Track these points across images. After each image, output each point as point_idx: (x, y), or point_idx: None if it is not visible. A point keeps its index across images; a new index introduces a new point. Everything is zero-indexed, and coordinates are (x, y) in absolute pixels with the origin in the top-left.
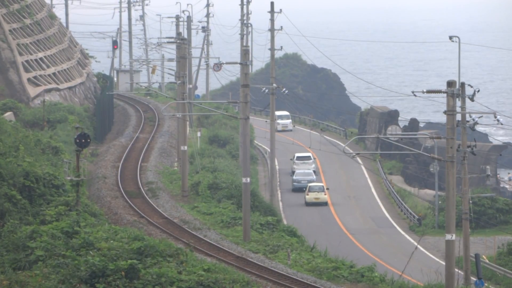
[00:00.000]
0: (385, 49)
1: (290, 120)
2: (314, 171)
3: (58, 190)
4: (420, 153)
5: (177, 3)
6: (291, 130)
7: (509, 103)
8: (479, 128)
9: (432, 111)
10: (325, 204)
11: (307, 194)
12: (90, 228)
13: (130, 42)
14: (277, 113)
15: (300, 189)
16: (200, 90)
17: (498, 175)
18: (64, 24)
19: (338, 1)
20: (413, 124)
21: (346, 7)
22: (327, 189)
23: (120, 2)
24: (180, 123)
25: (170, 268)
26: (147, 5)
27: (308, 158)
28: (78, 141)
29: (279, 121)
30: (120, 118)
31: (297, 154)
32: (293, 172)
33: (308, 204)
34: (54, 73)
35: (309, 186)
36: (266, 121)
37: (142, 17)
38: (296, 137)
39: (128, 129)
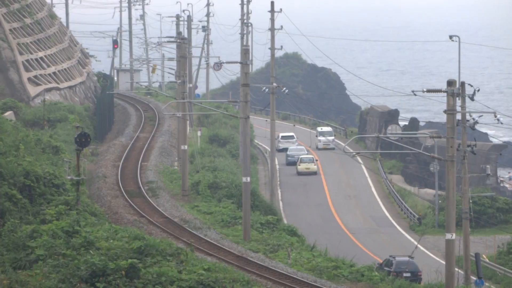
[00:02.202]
0: (385, 49)
1: (333, 137)
2: None
3: (59, 189)
4: (420, 153)
5: (177, 2)
6: (333, 148)
7: (509, 101)
8: (481, 128)
9: (427, 108)
10: (314, 173)
11: (299, 165)
12: (90, 227)
13: (131, 42)
14: (320, 129)
15: (294, 163)
16: (200, 90)
17: (501, 179)
18: (65, 24)
19: (339, 0)
20: (413, 123)
21: (347, 7)
22: (317, 160)
23: (120, 2)
24: (180, 123)
25: (170, 268)
26: (147, 4)
27: (291, 137)
28: (78, 140)
29: (321, 138)
30: (120, 118)
31: (281, 134)
32: (278, 150)
33: (300, 173)
34: (54, 73)
35: (301, 158)
36: (266, 121)
37: (142, 17)
38: (297, 136)
39: (128, 129)
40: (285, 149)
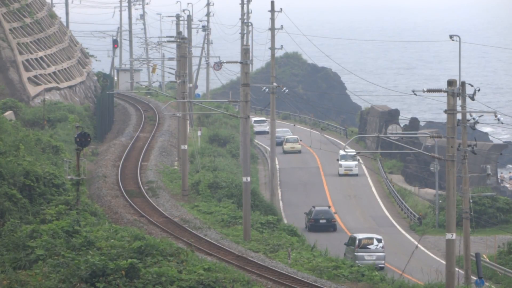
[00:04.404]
0: (387, 48)
1: (357, 162)
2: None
3: (58, 189)
4: (421, 152)
5: (177, 2)
6: (356, 175)
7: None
8: (483, 128)
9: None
10: (299, 152)
11: (285, 145)
12: (90, 227)
13: (131, 41)
14: (342, 152)
15: (280, 143)
16: (201, 89)
17: (502, 174)
18: (65, 23)
19: (339, 0)
20: (414, 123)
21: (348, 6)
22: (300, 140)
23: (121, 1)
24: (180, 122)
25: (170, 268)
26: (147, 4)
27: (263, 121)
28: (78, 140)
29: (342, 162)
30: (120, 117)
31: (254, 118)
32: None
33: (286, 152)
34: (54, 72)
35: (286, 138)
36: (266, 120)
37: (142, 16)
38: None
39: (128, 128)
40: (260, 132)
